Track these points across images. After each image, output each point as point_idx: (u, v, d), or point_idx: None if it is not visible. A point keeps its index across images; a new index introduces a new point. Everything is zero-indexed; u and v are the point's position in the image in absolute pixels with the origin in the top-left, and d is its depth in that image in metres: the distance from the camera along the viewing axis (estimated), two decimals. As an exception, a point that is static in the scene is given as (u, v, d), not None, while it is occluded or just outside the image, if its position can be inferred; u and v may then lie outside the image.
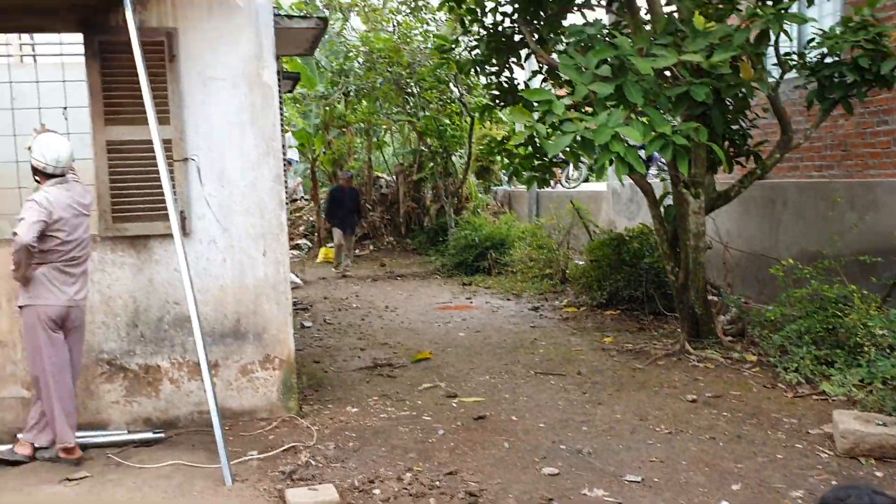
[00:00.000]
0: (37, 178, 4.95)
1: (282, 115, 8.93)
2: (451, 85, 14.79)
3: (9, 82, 5.99)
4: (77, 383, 5.18)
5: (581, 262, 11.12)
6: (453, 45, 10.39)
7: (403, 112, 15.97)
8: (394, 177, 18.43)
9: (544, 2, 8.37)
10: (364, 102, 16.28)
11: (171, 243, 5.48)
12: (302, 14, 9.86)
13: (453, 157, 16.50)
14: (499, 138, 10.01)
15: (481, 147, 15.58)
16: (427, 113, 15.57)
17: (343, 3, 15.30)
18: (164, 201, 5.23)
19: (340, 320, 9.83)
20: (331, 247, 16.55)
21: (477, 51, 9.16)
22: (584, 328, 8.95)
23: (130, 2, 5.15)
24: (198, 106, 5.62)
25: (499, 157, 9.53)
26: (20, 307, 4.88)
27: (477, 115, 13.60)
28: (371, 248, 17.16)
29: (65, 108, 5.89)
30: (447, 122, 15.94)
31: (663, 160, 7.99)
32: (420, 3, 15.03)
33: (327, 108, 16.13)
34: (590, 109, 6.27)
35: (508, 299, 11.11)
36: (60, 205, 4.79)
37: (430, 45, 14.20)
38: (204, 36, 5.57)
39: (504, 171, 9.03)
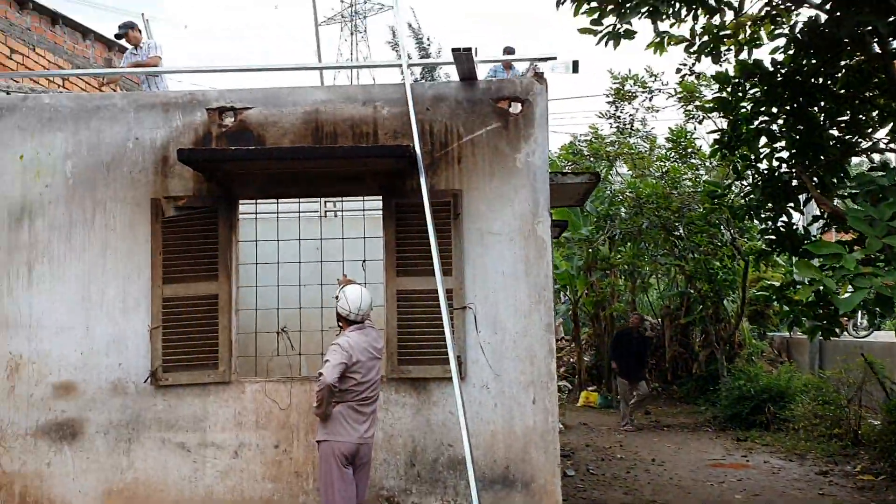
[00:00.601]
0: (340, 323, 5.55)
1: (551, 262, 9.22)
2: (722, 228, 14.33)
3: (319, 238, 6.86)
4: (360, 517, 5.53)
5: (877, 423, 9.89)
6: (725, 191, 10.23)
7: (670, 255, 15.71)
8: (659, 320, 17.96)
9: (825, 146, 8.02)
10: (629, 244, 16.28)
11: (447, 386, 5.82)
12: (576, 171, 10.34)
13: (725, 301, 15.75)
14: (776, 283, 9.49)
15: (757, 293, 14.77)
16: (696, 256, 15.16)
17: (609, 152, 15.70)
18: (443, 346, 5.63)
19: (604, 471, 9.54)
20: (593, 390, 16.28)
21: (751, 196, 8.92)
22: (885, 501, 7.86)
23: (424, 170, 5.80)
24: (476, 258, 6.06)
25: (777, 304, 9.00)
26: (318, 441, 5.38)
27: (751, 258, 12.99)
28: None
29: (364, 260, 6.62)
30: (718, 265, 15.37)
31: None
32: (689, 150, 14.99)
33: (591, 251, 16.31)
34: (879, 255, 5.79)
35: (791, 460, 10.12)
36: (359, 348, 5.31)
37: (700, 190, 13.99)
38: (484, 195, 6.07)
39: (783, 318, 8.49)
